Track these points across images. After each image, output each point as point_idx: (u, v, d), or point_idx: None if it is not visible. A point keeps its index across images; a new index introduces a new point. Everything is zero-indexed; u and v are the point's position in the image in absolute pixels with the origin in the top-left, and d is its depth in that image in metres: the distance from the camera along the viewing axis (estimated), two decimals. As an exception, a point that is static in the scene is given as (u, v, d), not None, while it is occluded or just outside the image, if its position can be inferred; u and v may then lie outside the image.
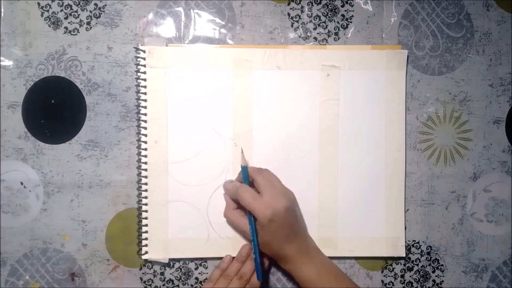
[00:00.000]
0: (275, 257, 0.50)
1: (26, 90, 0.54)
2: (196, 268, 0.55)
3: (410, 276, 0.56)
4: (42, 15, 0.54)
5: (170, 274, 0.55)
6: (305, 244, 0.51)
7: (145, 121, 0.53)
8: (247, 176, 0.50)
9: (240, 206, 0.50)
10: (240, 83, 0.54)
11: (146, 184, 0.53)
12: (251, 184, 0.50)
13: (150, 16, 0.54)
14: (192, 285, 0.55)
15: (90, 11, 0.54)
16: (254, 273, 0.51)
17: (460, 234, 0.56)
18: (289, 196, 0.49)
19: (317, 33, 0.55)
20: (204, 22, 0.55)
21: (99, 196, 0.54)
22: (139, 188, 0.54)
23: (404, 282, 0.56)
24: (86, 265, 0.54)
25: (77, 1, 0.54)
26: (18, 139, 0.54)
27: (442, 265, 0.56)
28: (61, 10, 0.54)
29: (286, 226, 0.48)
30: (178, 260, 0.55)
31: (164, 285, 0.55)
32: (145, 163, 0.53)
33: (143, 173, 0.53)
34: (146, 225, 0.53)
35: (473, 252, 0.56)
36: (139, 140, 0.54)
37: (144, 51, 0.53)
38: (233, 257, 0.53)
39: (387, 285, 0.56)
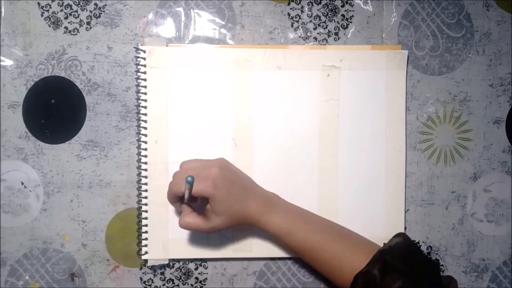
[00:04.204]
0: (243, 222, 0.49)
1: (26, 90, 0.54)
2: (196, 268, 0.55)
3: (410, 276, 0.56)
4: (42, 15, 0.54)
5: (170, 274, 0.55)
6: (263, 196, 0.50)
7: (145, 121, 0.53)
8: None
9: (195, 209, 0.49)
10: (240, 83, 0.54)
11: (146, 184, 0.53)
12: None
13: (150, 16, 0.54)
14: (192, 285, 0.55)
15: (90, 11, 0.54)
16: None
17: (460, 234, 0.56)
18: (215, 161, 0.49)
19: (317, 33, 0.55)
20: (204, 22, 0.55)
21: (99, 196, 0.54)
22: (139, 188, 0.54)
23: (404, 282, 0.56)
24: (86, 265, 0.54)
25: (77, 1, 0.54)
26: (19, 139, 0.54)
27: (442, 265, 0.56)
28: (61, 10, 0.54)
29: (233, 185, 0.48)
30: (178, 260, 0.55)
31: (164, 285, 0.55)
32: (145, 163, 0.53)
33: (143, 173, 0.53)
34: (146, 225, 0.53)
35: (473, 252, 0.56)
36: (139, 140, 0.54)
37: (144, 51, 0.53)
38: None
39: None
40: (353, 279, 0.46)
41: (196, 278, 0.55)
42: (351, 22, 0.55)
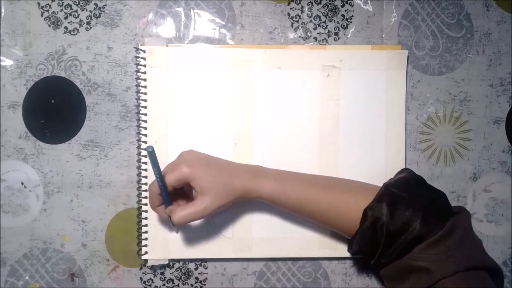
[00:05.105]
0: (233, 196, 0.47)
1: (26, 90, 0.54)
2: (196, 268, 0.55)
3: (410, 276, 0.56)
4: (42, 15, 0.54)
5: (170, 274, 0.55)
6: (246, 166, 0.50)
7: (145, 121, 0.53)
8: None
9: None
10: (240, 83, 0.54)
11: (146, 184, 0.53)
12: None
13: (150, 16, 0.54)
14: (192, 285, 0.55)
15: (90, 11, 0.54)
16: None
17: (460, 234, 0.56)
18: (183, 151, 0.49)
19: (317, 33, 0.55)
20: (204, 22, 0.55)
21: (99, 196, 0.54)
22: (139, 188, 0.54)
23: (404, 282, 0.56)
24: (86, 265, 0.54)
25: (77, 1, 0.54)
26: (19, 139, 0.54)
27: (442, 265, 0.56)
28: (61, 10, 0.54)
29: (209, 163, 0.48)
30: (178, 260, 0.55)
31: (164, 285, 0.55)
32: (145, 163, 0.53)
33: (143, 173, 0.53)
34: (146, 225, 0.53)
35: (473, 252, 0.56)
36: (139, 140, 0.54)
37: (144, 51, 0.53)
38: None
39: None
40: (362, 214, 0.46)
41: (196, 278, 0.55)
42: (351, 22, 0.55)
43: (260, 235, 0.54)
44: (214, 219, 0.54)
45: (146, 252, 0.54)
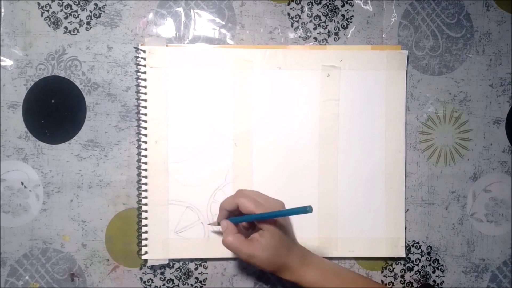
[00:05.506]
0: (278, 271, 0.48)
1: (26, 90, 0.54)
2: (196, 268, 0.55)
3: (410, 276, 0.56)
4: (42, 15, 0.54)
5: (170, 274, 0.55)
6: (302, 250, 0.51)
7: (145, 121, 0.53)
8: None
9: (239, 230, 0.49)
10: (240, 83, 0.54)
11: (146, 184, 0.53)
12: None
13: (150, 16, 0.54)
14: (192, 285, 0.55)
15: (90, 11, 0.54)
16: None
17: (460, 234, 0.56)
18: (279, 201, 0.49)
19: (317, 33, 0.55)
20: (204, 22, 0.55)
21: (99, 196, 0.54)
22: (139, 188, 0.54)
23: (404, 282, 0.56)
24: (86, 265, 0.54)
25: (77, 1, 0.54)
26: (19, 139, 0.54)
27: (442, 265, 0.56)
28: (61, 10, 0.54)
29: (285, 230, 0.48)
30: (178, 260, 0.55)
31: (164, 285, 0.55)
32: (145, 163, 0.53)
33: (143, 173, 0.53)
34: (146, 225, 0.53)
35: (473, 252, 0.56)
36: (139, 140, 0.54)
37: (144, 51, 0.53)
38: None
39: (387, 285, 0.56)
40: None
41: (196, 278, 0.55)
42: (351, 22, 0.55)
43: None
44: (213, 220, 0.54)
45: (146, 252, 0.54)
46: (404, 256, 0.55)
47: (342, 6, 0.55)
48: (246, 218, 0.48)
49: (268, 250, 0.47)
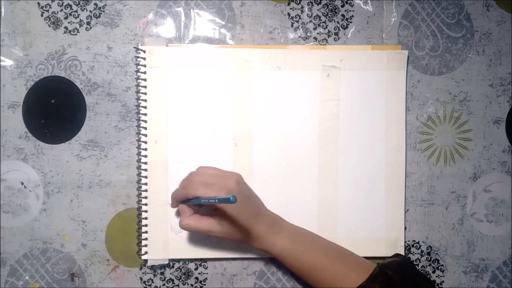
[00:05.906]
0: (247, 239, 0.49)
1: (26, 90, 0.54)
2: (196, 268, 0.55)
3: (410, 276, 0.56)
4: (42, 15, 0.54)
5: (170, 274, 0.55)
6: (270, 217, 0.50)
7: (145, 121, 0.53)
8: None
9: (195, 210, 0.50)
10: (240, 83, 0.54)
11: (146, 184, 0.53)
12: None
13: (150, 16, 0.54)
14: (192, 285, 0.55)
15: (90, 11, 0.54)
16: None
17: (460, 234, 0.56)
18: (233, 174, 0.49)
19: (317, 33, 0.55)
20: (204, 22, 0.55)
21: (99, 196, 0.54)
22: (139, 188, 0.54)
23: (404, 282, 0.56)
24: (85, 265, 0.54)
25: (77, 1, 0.54)
26: (19, 139, 0.54)
27: (442, 265, 0.56)
28: (61, 10, 0.54)
29: (247, 201, 0.48)
30: (178, 260, 0.55)
31: (164, 285, 0.55)
32: (145, 163, 0.53)
33: (143, 173, 0.53)
34: (146, 225, 0.53)
35: (473, 252, 0.56)
36: (139, 140, 0.54)
37: (144, 51, 0.53)
38: None
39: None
40: None
41: (196, 278, 0.55)
42: (351, 22, 0.55)
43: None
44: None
45: (146, 252, 0.54)
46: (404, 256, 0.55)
47: (342, 6, 0.55)
48: (193, 201, 0.48)
49: (223, 223, 0.47)
